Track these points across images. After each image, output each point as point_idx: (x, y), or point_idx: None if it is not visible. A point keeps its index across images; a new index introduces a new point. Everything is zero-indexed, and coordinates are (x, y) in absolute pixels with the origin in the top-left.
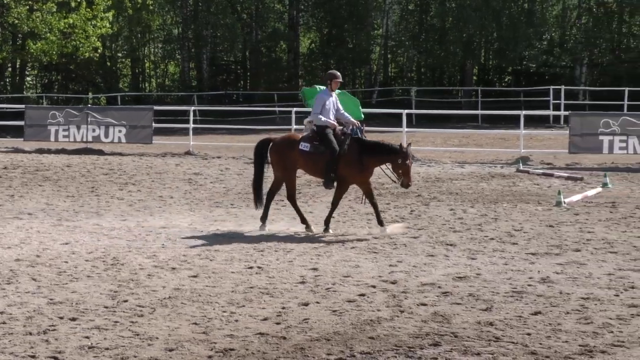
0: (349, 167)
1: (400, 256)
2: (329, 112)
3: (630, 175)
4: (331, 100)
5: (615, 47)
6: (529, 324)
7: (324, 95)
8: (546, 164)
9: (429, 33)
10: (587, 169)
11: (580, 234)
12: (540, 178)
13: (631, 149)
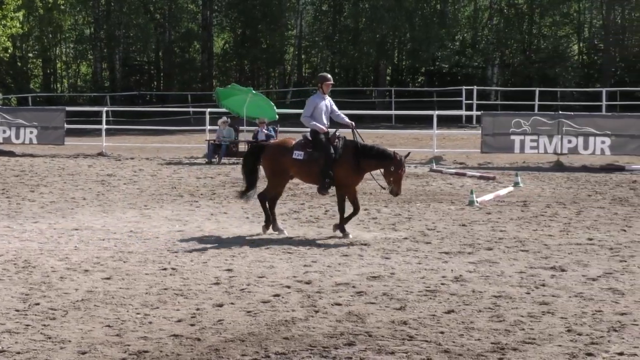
0: (344, 170)
1: (314, 256)
2: (321, 115)
3: (541, 175)
4: (324, 103)
5: (526, 47)
6: (442, 322)
7: (315, 99)
8: (459, 163)
9: (342, 34)
10: (499, 169)
11: (492, 233)
12: (453, 177)
13: (542, 149)
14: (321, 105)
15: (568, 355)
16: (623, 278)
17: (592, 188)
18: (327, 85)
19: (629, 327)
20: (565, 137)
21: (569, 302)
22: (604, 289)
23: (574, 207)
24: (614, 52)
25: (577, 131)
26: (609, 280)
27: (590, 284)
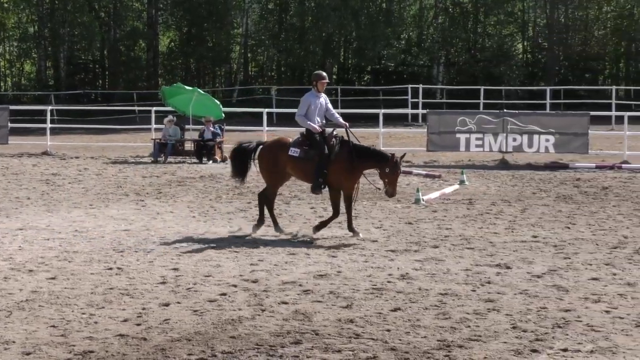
0: (338, 171)
1: (261, 255)
2: (315, 114)
3: (486, 173)
4: (318, 101)
5: (471, 46)
6: (389, 320)
7: (309, 97)
8: (405, 161)
9: (288, 32)
10: (445, 167)
11: (438, 231)
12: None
13: (487, 147)
14: (315, 103)
15: (513, 351)
16: (567, 275)
17: (536, 186)
18: (322, 83)
19: (573, 323)
20: (510, 136)
21: (514, 299)
22: (548, 286)
23: (519, 205)
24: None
25: (522, 129)
26: (553, 277)
27: (535, 281)
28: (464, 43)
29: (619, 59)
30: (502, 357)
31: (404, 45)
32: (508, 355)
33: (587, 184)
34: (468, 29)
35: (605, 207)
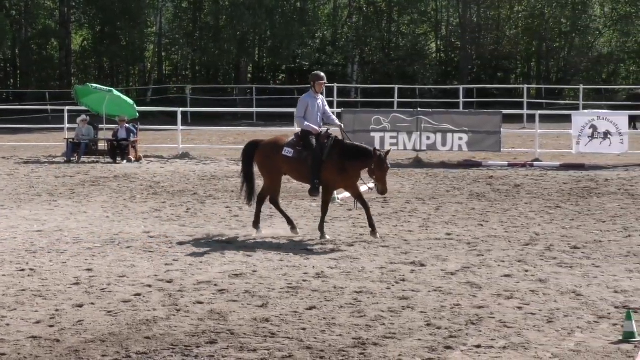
0: (330, 171)
1: (176, 255)
2: (314, 115)
3: (400, 171)
4: (316, 103)
5: (385, 45)
6: (304, 319)
7: (306, 98)
8: None
9: (203, 31)
10: None
11: (353, 229)
12: None
13: (401, 145)
14: (313, 105)
15: (427, 349)
16: (480, 272)
17: (450, 184)
18: (320, 84)
19: (486, 320)
20: (424, 134)
21: (429, 297)
22: (462, 283)
23: (433, 203)
24: (470, 50)
25: (436, 128)
26: (467, 274)
27: (449, 279)
28: (378, 42)
29: (531, 58)
30: (417, 354)
31: (318, 44)
32: (422, 352)
33: (500, 181)
34: (382, 28)
35: (517, 205)
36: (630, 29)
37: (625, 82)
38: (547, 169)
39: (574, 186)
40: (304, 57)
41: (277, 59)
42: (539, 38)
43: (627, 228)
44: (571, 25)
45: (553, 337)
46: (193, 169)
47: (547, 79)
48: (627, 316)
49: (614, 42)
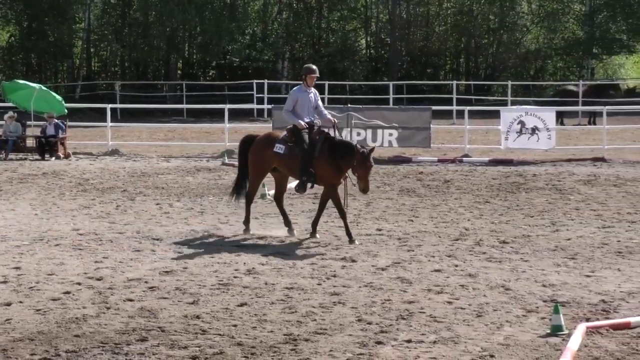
0: (322, 169)
1: (106, 252)
2: (304, 109)
3: None
4: (307, 97)
5: (315, 42)
6: (235, 315)
7: (296, 92)
8: None
9: (132, 27)
10: None
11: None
12: None
13: None
14: (304, 98)
15: (358, 344)
16: (411, 267)
17: (380, 180)
18: (311, 77)
19: (417, 314)
20: (355, 130)
21: (359, 292)
22: (392, 279)
23: (364, 199)
24: (400, 46)
25: (366, 124)
26: (397, 269)
27: (380, 274)
28: (308, 38)
29: (459, 55)
30: (348, 349)
31: (248, 40)
32: (353, 347)
33: (430, 177)
34: (312, 24)
35: (447, 200)
36: (557, 26)
37: (553, 78)
38: (476, 165)
39: (503, 181)
40: (234, 53)
41: (207, 55)
42: (467, 35)
43: (555, 222)
44: (499, 22)
45: (482, 331)
46: (123, 166)
47: (475, 75)
48: (555, 310)
49: (541, 39)
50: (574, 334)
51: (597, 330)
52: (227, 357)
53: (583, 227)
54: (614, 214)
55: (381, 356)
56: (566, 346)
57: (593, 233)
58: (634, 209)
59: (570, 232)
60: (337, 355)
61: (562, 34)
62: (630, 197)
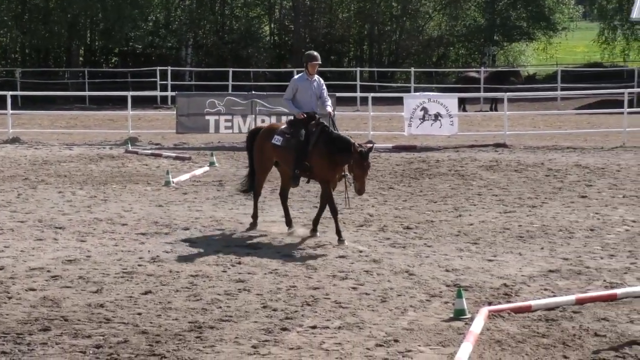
0: (317, 162)
1: (7, 241)
2: (305, 99)
3: (235, 154)
4: (308, 85)
5: (219, 28)
6: (140, 303)
7: (297, 81)
8: (154, 144)
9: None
10: (195, 149)
11: (189, 213)
12: (149, 158)
13: (236, 128)
14: (305, 87)
15: (264, 330)
16: (316, 253)
17: None
18: (313, 65)
19: (322, 301)
20: (259, 117)
21: (265, 279)
22: (297, 265)
23: (269, 185)
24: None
25: (270, 111)
26: (302, 255)
27: (285, 260)
28: (212, 25)
29: (363, 42)
30: (253, 336)
31: (151, 27)
32: (259, 334)
33: None
34: (215, 11)
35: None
36: (459, 13)
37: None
38: (380, 151)
39: (406, 167)
40: (137, 39)
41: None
42: (370, 21)
43: (458, 208)
44: (402, 9)
45: (387, 316)
46: (24, 154)
47: (379, 62)
48: (458, 294)
49: (443, 26)
50: (477, 318)
51: (499, 314)
52: (131, 345)
53: (485, 212)
54: (515, 199)
55: (286, 342)
56: (469, 330)
57: (495, 218)
58: (534, 193)
59: (472, 217)
60: (242, 342)
61: (464, 21)
62: (530, 182)
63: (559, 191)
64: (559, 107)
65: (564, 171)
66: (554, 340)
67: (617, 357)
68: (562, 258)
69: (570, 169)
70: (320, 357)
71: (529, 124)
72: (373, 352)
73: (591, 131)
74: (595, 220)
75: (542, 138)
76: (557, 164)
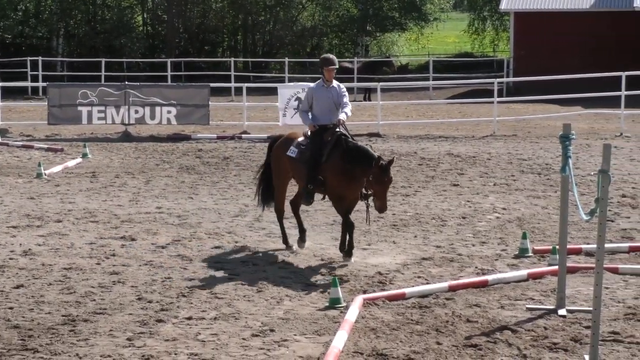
0: (332, 177)
1: None
2: (323, 110)
3: (109, 145)
4: (325, 94)
5: (91, 18)
6: (11, 297)
7: (312, 90)
8: (26, 135)
9: None
10: (67, 140)
11: (61, 205)
12: (20, 150)
13: (109, 119)
14: (321, 96)
15: (139, 322)
16: (191, 245)
17: (159, 157)
18: (329, 70)
19: (197, 292)
20: (132, 108)
21: (139, 271)
22: (173, 256)
23: (143, 177)
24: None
25: (144, 101)
26: (177, 247)
27: (160, 252)
28: (84, 15)
29: (237, 32)
30: (128, 328)
31: (21, 16)
32: (134, 326)
33: (209, 154)
34: (87, 1)
35: (226, 177)
36: (332, 3)
37: None
38: (255, 141)
39: None
40: (6, 29)
41: None
42: (244, 11)
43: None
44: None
45: (263, 306)
46: None
47: (253, 53)
48: (333, 283)
49: (317, 16)
50: (352, 306)
51: (374, 302)
52: (3, 340)
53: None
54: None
55: (162, 334)
56: (344, 318)
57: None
58: (407, 182)
59: None
60: (117, 334)
61: (337, 12)
62: (404, 171)
63: (432, 180)
64: (431, 96)
65: (436, 160)
66: (428, 327)
67: (488, 342)
68: (435, 246)
69: (442, 158)
70: (196, 348)
71: (402, 113)
72: (249, 342)
73: (462, 120)
74: (466, 208)
75: (415, 127)
76: (430, 153)
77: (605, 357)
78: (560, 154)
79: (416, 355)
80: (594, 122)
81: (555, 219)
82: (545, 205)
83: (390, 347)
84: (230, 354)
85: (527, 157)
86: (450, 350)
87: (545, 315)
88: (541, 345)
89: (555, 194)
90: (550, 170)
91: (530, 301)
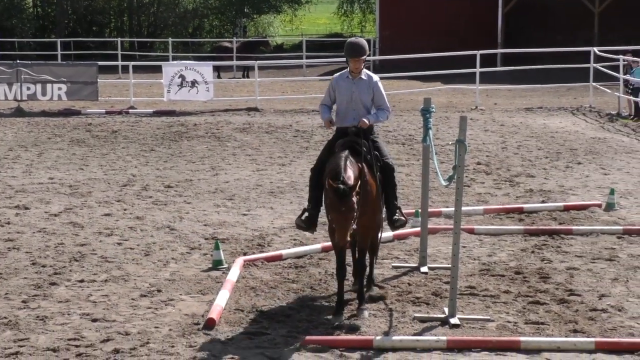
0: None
1: None
2: (344, 105)
3: (2, 120)
4: (349, 87)
5: None
6: None
7: (336, 79)
8: None
9: None
10: None
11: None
12: None
13: (2, 96)
14: (345, 88)
15: (33, 286)
16: (82, 212)
17: (51, 131)
18: (355, 62)
19: (89, 256)
20: (25, 85)
21: (33, 238)
22: (65, 224)
23: (36, 150)
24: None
25: (35, 79)
26: (69, 215)
27: (53, 220)
28: None
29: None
30: (23, 291)
31: None
32: (29, 289)
33: (98, 128)
34: None
35: (115, 149)
36: None
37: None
38: (142, 116)
39: (167, 131)
40: None
41: None
42: None
43: (214, 167)
44: None
45: (150, 269)
46: None
47: (139, 33)
48: (216, 246)
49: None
50: (233, 268)
51: (254, 263)
52: None
53: (240, 171)
54: (267, 159)
55: (55, 296)
56: (226, 278)
57: (249, 176)
58: (283, 153)
59: (228, 175)
60: (12, 297)
61: None
62: (280, 142)
63: (306, 150)
64: (304, 74)
65: (309, 132)
66: (303, 285)
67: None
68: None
69: (315, 130)
70: (88, 308)
71: (278, 89)
72: (138, 302)
73: None
74: None
75: (290, 102)
76: (304, 126)
77: (462, 309)
78: (422, 125)
79: (292, 312)
80: (452, 96)
81: (417, 185)
82: (409, 172)
83: (268, 304)
84: (120, 313)
85: (392, 128)
86: (322, 306)
87: (409, 273)
88: (405, 299)
89: (417, 162)
90: (413, 141)
91: (396, 260)
